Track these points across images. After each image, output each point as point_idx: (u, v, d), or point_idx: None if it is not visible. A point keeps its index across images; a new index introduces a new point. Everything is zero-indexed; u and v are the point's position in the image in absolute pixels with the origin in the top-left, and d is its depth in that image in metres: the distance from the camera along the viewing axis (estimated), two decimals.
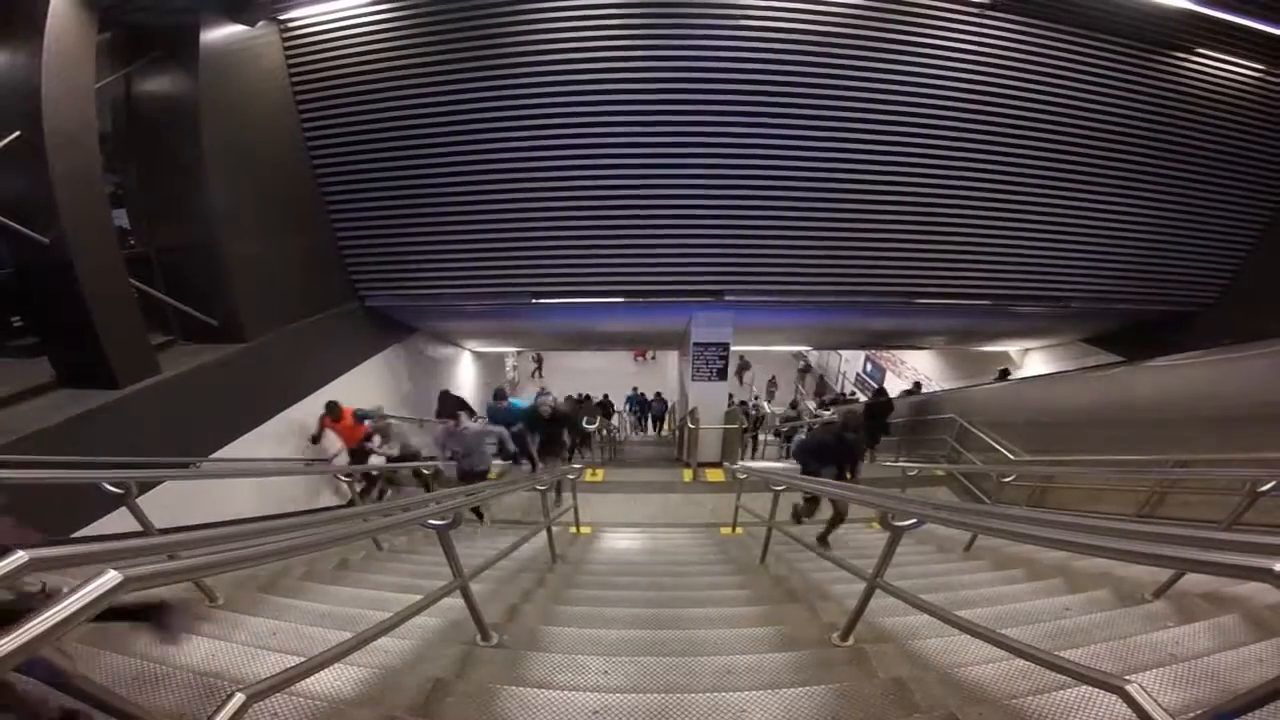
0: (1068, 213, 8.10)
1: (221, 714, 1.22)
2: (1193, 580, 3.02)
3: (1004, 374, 12.78)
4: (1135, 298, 8.98)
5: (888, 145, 7.34)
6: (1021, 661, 2.04)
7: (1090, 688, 1.85)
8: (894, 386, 18.33)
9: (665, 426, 16.91)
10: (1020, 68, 7.11)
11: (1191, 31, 6.98)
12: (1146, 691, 1.36)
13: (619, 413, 16.40)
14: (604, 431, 12.73)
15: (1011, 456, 6.91)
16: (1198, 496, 4.99)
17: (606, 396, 15.53)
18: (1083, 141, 7.62)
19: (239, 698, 1.26)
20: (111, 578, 0.97)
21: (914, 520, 2.38)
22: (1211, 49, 7.25)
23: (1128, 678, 1.41)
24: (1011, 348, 13.56)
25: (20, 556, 0.94)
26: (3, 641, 0.83)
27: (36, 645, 0.86)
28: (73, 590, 0.92)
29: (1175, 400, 5.99)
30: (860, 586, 2.67)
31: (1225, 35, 6.99)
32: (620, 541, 6.34)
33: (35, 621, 0.86)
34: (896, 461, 9.04)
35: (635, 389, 17.46)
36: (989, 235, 8.13)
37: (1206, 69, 7.42)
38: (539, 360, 23.37)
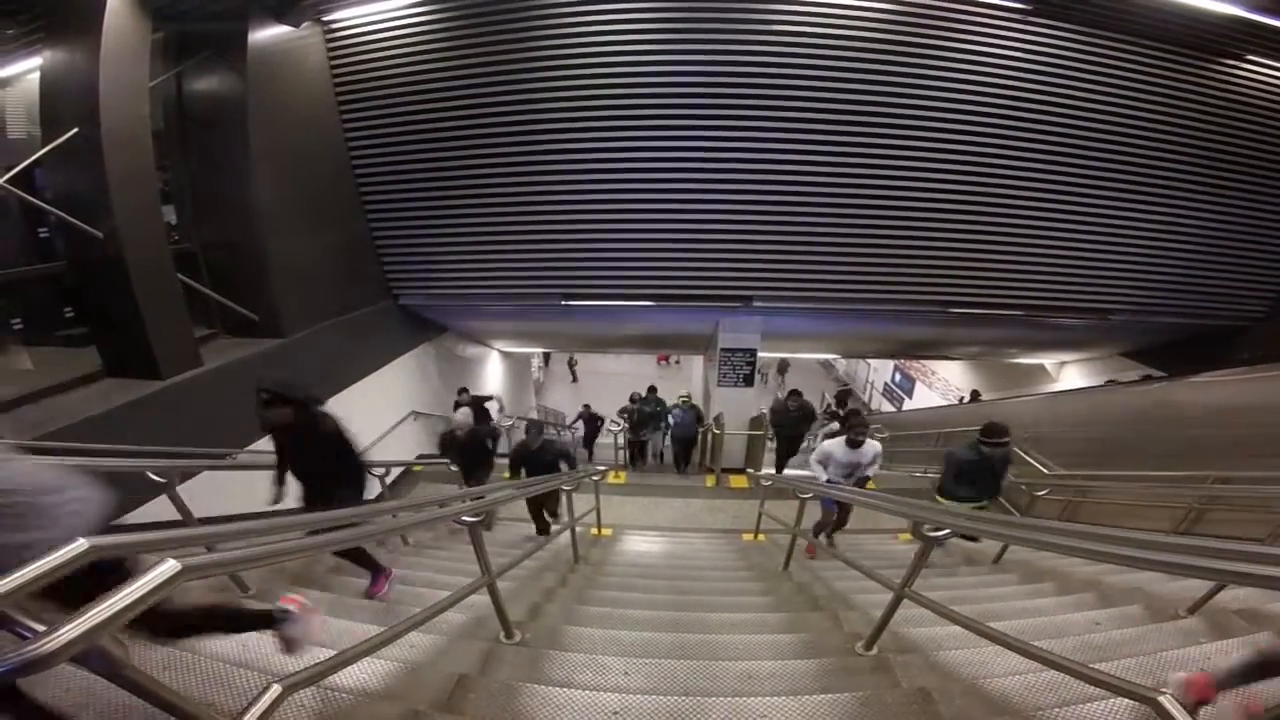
0: (1111, 222, 7.89)
1: (258, 705, 1.25)
2: (1228, 596, 2.97)
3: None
4: (1180, 310, 8.71)
5: (923, 150, 7.23)
6: (1048, 674, 2.03)
7: (1116, 702, 1.85)
8: (927, 398, 18.10)
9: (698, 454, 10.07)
10: (1063, 74, 6.94)
11: (1242, 38, 6.75)
12: (1180, 704, 1.34)
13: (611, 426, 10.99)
14: None
15: (1045, 470, 6.74)
16: (1239, 515, 4.85)
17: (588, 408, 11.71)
18: (1127, 149, 7.41)
19: (275, 689, 1.30)
20: (170, 566, 1.00)
21: (946, 531, 2.35)
22: (1263, 55, 6.99)
23: (1161, 690, 1.39)
24: (1048, 360, 13.24)
25: (80, 545, 0.97)
26: (61, 631, 0.84)
27: (96, 634, 0.87)
28: (134, 578, 0.95)
29: (1218, 416, 5.81)
30: (886, 596, 2.65)
31: (1276, 42, 6.74)
32: (641, 544, 6.35)
33: (95, 610, 0.88)
34: (925, 473, 8.88)
35: (652, 389, 10.57)
36: (1028, 244, 7.96)
37: (1257, 76, 7.16)
38: (572, 363, 23.29)
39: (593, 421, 12.03)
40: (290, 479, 3.58)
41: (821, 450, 5.17)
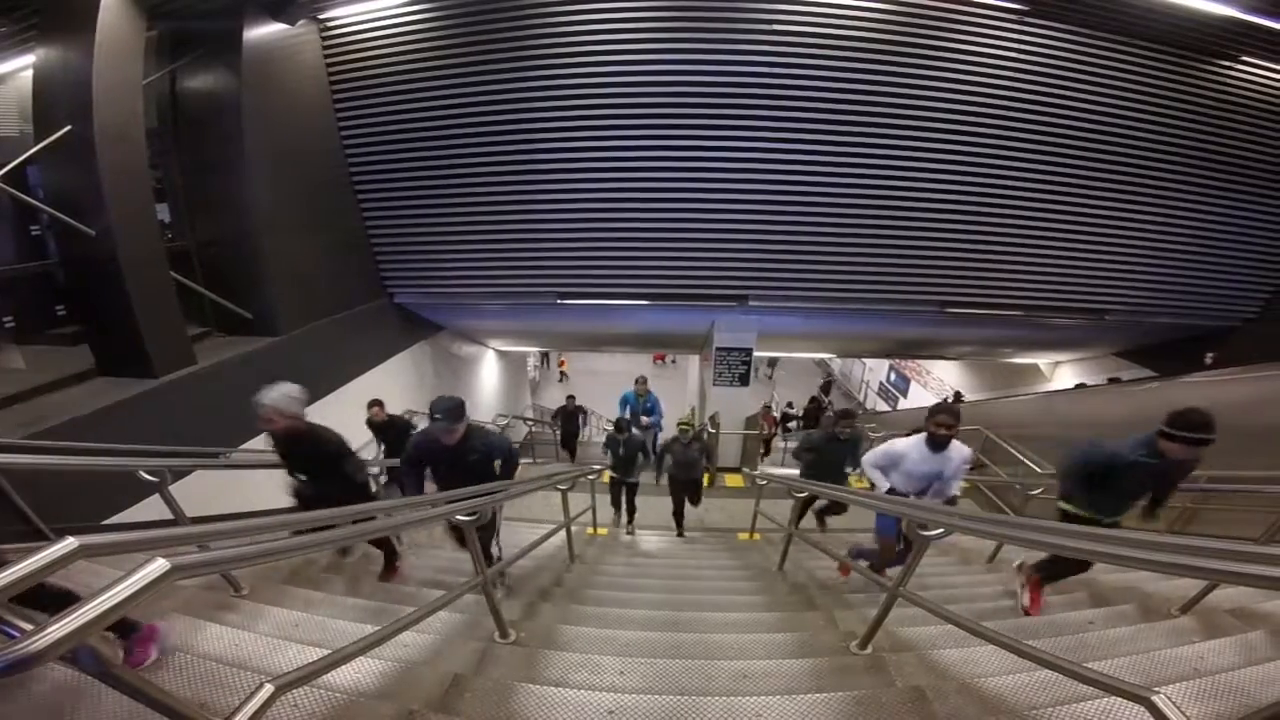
0: (1107, 222, 7.93)
1: (250, 704, 1.24)
2: (1221, 595, 2.98)
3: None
4: (1175, 311, 8.78)
5: (919, 150, 7.25)
6: (1042, 673, 2.03)
7: (1111, 702, 1.86)
8: (922, 397, 18.15)
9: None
10: (1059, 75, 6.96)
11: (1237, 39, 6.78)
12: (1174, 703, 1.34)
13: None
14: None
15: (1039, 470, 6.76)
16: (1232, 514, 4.87)
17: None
18: (1123, 149, 7.44)
19: (268, 689, 1.28)
20: (160, 565, 0.99)
21: (940, 530, 2.34)
22: (1258, 56, 7.02)
23: (1155, 689, 1.39)
24: (1042, 360, 13.30)
25: (69, 543, 0.97)
26: (49, 629, 0.84)
27: (85, 633, 0.86)
28: (122, 578, 0.95)
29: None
30: (880, 595, 2.66)
31: (1271, 42, 6.77)
32: (636, 543, 6.34)
33: (84, 609, 0.87)
34: None
35: (641, 380, 8.42)
36: (1024, 244, 8.00)
37: (1252, 77, 7.20)
38: (561, 363, 23.43)
39: (573, 419, 11.41)
40: None
41: (887, 451, 3.70)
